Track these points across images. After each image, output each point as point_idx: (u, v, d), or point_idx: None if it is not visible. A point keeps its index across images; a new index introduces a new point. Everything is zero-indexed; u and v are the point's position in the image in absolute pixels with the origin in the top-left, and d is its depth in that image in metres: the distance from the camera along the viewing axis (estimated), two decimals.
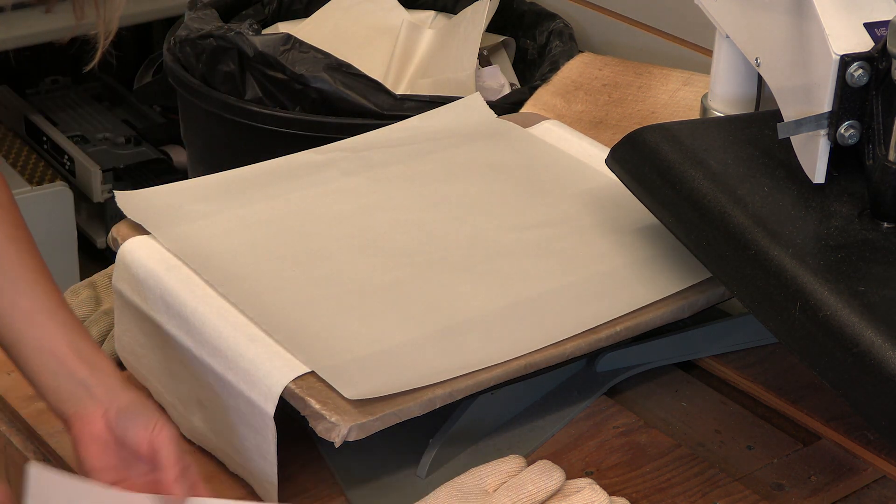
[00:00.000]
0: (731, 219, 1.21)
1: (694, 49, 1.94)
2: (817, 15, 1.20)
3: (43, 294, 1.13)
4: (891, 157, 1.17)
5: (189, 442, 1.25)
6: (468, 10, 2.02)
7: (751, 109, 1.47)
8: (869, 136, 1.19)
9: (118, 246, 1.31)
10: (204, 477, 1.21)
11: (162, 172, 2.64)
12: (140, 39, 2.88)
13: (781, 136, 1.21)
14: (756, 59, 1.34)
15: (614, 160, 1.36)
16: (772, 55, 1.31)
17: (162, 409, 1.18)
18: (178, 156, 2.67)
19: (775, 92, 1.30)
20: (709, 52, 1.51)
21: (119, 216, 1.36)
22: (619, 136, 1.37)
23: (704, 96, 1.51)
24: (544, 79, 1.89)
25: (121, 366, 1.35)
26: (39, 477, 1.08)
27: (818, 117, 1.20)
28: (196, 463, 1.22)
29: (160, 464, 1.07)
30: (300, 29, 2.04)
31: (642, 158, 1.31)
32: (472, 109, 1.61)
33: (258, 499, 1.19)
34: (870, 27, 1.19)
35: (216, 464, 1.22)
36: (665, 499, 1.20)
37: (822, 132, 1.20)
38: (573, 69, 1.89)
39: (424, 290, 1.27)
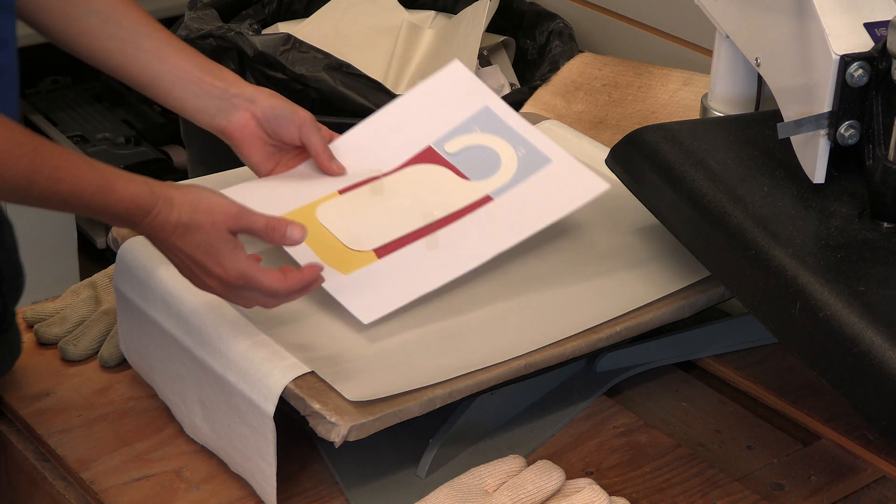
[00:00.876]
0: (731, 219, 1.21)
1: (694, 49, 1.94)
2: (817, 15, 1.20)
3: (160, 33, 1.30)
4: (891, 157, 1.17)
5: (192, 441, 1.25)
6: (468, 10, 2.02)
7: (751, 109, 1.47)
8: (869, 136, 1.19)
9: (118, 246, 1.31)
10: (205, 476, 1.21)
11: (162, 172, 2.64)
12: None
13: (781, 136, 1.21)
14: (756, 59, 1.34)
15: (614, 160, 1.36)
16: (772, 55, 1.31)
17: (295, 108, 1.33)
18: (178, 156, 2.67)
19: (775, 92, 1.30)
20: (709, 52, 1.51)
21: None
22: (619, 136, 1.37)
23: (704, 96, 1.51)
24: (544, 79, 1.89)
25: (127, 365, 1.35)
26: (236, 192, 1.24)
27: (818, 117, 1.20)
28: (198, 462, 1.23)
29: (313, 152, 1.32)
30: (300, 29, 2.04)
31: (642, 158, 1.31)
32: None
33: (260, 499, 1.19)
34: (870, 27, 1.19)
35: (218, 462, 1.22)
36: (665, 499, 1.20)
37: (822, 132, 1.20)
38: (573, 69, 1.89)
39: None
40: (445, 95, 1.37)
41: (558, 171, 1.31)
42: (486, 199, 1.30)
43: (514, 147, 1.33)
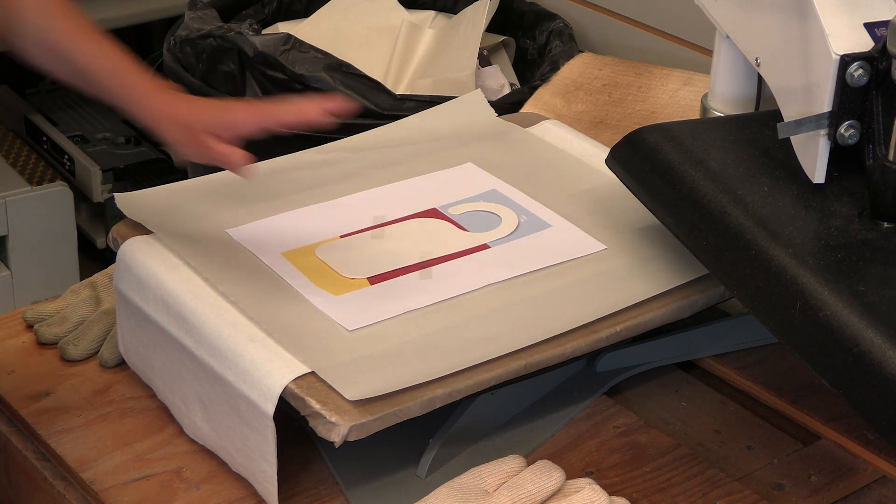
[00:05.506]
0: (731, 219, 1.21)
1: (694, 49, 1.94)
2: (817, 15, 1.20)
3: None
4: (891, 157, 1.17)
5: (192, 441, 1.25)
6: (468, 10, 2.02)
7: (751, 109, 1.47)
8: (869, 136, 1.19)
9: (118, 246, 1.31)
10: (205, 476, 1.21)
11: (162, 172, 2.64)
12: (140, 39, 2.87)
13: (781, 136, 1.21)
14: (756, 59, 1.34)
15: (614, 160, 1.36)
16: (772, 55, 1.31)
17: None
18: (178, 156, 2.67)
19: (775, 92, 1.30)
20: (709, 52, 1.51)
21: (119, 216, 1.36)
22: (619, 136, 1.37)
23: (704, 96, 1.51)
24: (544, 79, 1.89)
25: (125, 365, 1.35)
26: (237, 232, 1.34)
27: (818, 117, 1.20)
28: (198, 462, 1.23)
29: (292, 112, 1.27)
30: (300, 29, 2.04)
31: (642, 158, 1.31)
32: (473, 106, 1.60)
33: (260, 499, 1.19)
34: (870, 27, 1.19)
35: (218, 462, 1.22)
36: (665, 499, 1.20)
37: (822, 132, 1.20)
38: (573, 69, 1.89)
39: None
40: (457, 179, 1.45)
41: (557, 233, 1.37)
42: (483, 247, 1.34)
43: (516, 213, 1.39)
